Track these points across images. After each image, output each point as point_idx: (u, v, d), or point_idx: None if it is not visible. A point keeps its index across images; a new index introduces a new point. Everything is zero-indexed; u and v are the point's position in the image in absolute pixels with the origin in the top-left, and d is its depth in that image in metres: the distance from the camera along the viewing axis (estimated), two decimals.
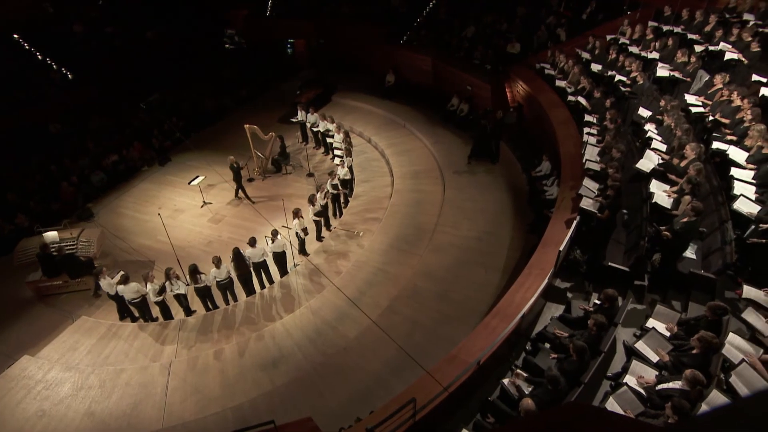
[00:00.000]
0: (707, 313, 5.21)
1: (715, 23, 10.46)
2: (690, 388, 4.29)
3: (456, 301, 8.17)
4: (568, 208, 7.45)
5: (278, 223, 11.23)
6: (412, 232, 10.24)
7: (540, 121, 11.43)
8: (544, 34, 14.37)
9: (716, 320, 5.12)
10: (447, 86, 15.06)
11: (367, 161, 13.67)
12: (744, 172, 6.99)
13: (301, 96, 16.69)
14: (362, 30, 17.75)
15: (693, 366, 4.57)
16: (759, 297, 5.44)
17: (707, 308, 5.22)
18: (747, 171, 7.01)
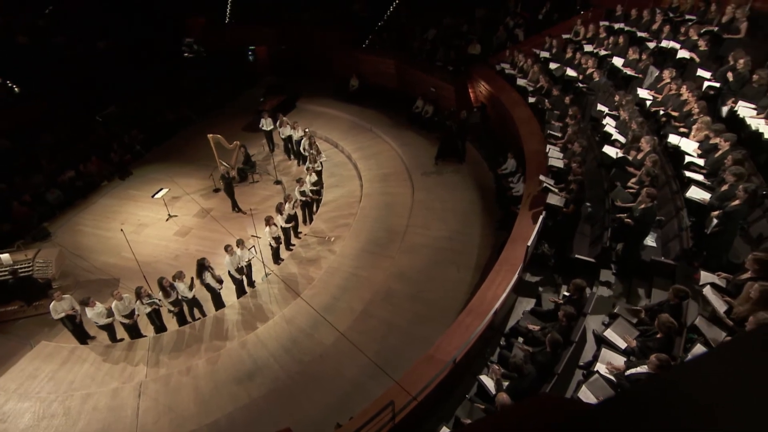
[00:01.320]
0: (671, 297, 5.44)
1: (661, 22, 10.97)
2: (657, 371, 4.47)
3: (430, 301, 8.23)
4: (535, 204, 7.63)
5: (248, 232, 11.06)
6: (384, 235, 10.25)
7: (503, 119, 11.68)
8: (503, 34, 14.72)
9: (678, 303, 5.35)
10: (411, 88, 15.20)
11: (335, 166, 13.61)
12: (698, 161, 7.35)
13: (264, 103, 16.48)
14: (324, 35, 17.72)
15: (658, 350, 4.75)
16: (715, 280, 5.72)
17: (671, 291, 5.45)
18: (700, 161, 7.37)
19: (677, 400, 0.56)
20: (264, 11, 19.40)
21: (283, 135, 13.97)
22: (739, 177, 6.10)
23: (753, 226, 6.61)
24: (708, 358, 0.62)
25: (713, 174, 6.93)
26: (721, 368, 0.58)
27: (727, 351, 0.65)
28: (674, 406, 0.55)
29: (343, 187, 12.63)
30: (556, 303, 5.99)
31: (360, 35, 17.56)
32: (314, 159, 12.13)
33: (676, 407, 0.55)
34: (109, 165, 15.00)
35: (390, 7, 18.22)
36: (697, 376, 0.59)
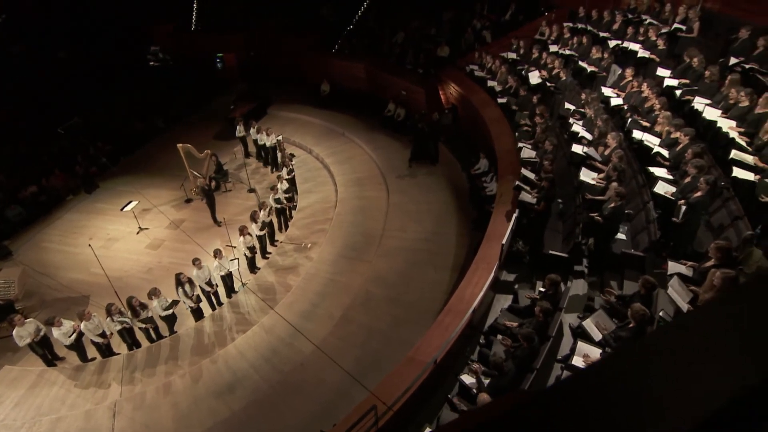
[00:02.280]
0: (640, 288, 5.61)
1: (621, 22, 11.36)
2: None
3: (409, 303, 8.26)
4: (508, 203, 7.77)
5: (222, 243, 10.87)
6: (360, 239, 10.24)
7: (474, 120, 11.85)
8: (471, 36, 14.96)
9: (647, 294, 5.53)
10: (382, 92, 15.26)
11: (309, 172, 13.54)
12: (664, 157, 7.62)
13: (235, 111, 16.27)
14: (293, 41, 17.63)
15: (631, 339, 4.89)
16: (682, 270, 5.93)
17: (639, 283, 5.62)
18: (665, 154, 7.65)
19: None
20: (231, 18, 19.19)
21: (260, 142, 13.82)
22: (700, 169, 6.35)
23: (714, 216, 6.89)
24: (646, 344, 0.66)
25: (675, 167, 7.20)
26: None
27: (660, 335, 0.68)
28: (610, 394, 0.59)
29: (317, 193, 12.56)
30: (533, 299, 6.10)
31: (329, 40, 17.56)
32: (286, 165, 12.04)
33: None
34: (74, 178, 14.50)
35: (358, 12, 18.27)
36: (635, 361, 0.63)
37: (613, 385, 0.60)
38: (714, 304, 0.70)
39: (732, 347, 0.61)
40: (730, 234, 6.26)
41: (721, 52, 9.10)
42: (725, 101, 7.57)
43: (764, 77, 7.80)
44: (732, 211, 6.51)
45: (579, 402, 0.59)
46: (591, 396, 0.59)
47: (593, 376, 0.64)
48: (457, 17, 16.08)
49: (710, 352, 0.61)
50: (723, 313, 0.67)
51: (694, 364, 0.59)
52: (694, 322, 0.69)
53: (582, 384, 0.63)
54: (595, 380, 0.62)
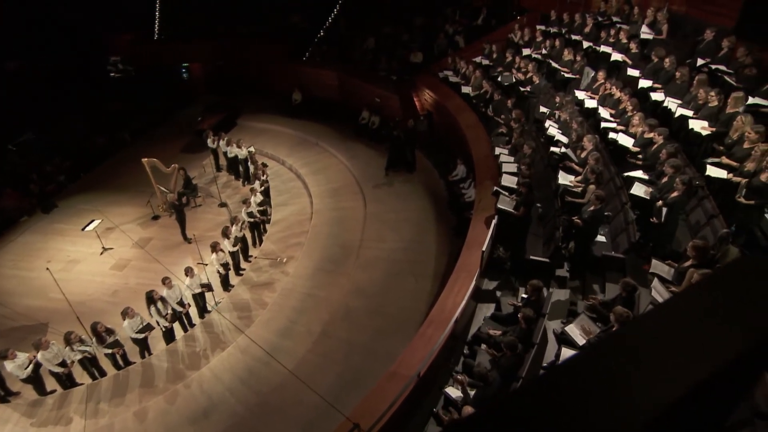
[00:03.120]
0: (621, 291, 5.73)
1: (592, 25, 11.73)
2: None
3: (391, 315, 8.25)
4: (487, 209, 7.86)
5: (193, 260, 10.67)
6: (338, 251, 10.21)
7: (450, 126, 12.00)
8: (444, 41, 15.20)
9: (629, 296, 5.65)
10: (356, 100, 15.32)
11: (283, 184, 13.47)
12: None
13: (203, 122, 16.07)
14: (262, 49, 17.57)
15: None
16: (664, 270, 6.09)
17: (621, 285, 5.74)
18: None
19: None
20: (196, 26, 18.98)
21: (230, 154, 13.67)
22: (676, 169, 6.57)
23: (690, 215, 7.12)
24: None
25: (652, 167, 7.43)
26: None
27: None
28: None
29: (292, 205, 12.49)
30: (515, 306, 6.17)
31: (300, 47, 17.57)
32: (258, 178, 11.93)
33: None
34: (29, 198, 14.01)
35: (328, 18, 18.37)
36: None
37: (586, 379, 0.67)
38: (674, 301, 0.81)
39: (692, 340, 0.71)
40: (706, 233, 6.47)
41: (688, 54, 9.48)
42: (695, 101, 7.87)
43: (730, 78, 8.15)
44: (708, 209, 6.74)
45: (556, 395, 0.65)
46: (567, 389, 0.66)
47: (565, 373, 0.70)
48: (429, 23, 16.34)
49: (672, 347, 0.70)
50: (685, 306, 0.78)
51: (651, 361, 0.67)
52: (657, 318, 0.79)
53: (557, 379, 0.70)
54: (569, 376, 0.69)
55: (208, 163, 14.22)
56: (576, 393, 0.64)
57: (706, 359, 0.66)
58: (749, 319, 0.72)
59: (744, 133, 6.61)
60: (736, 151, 6.72)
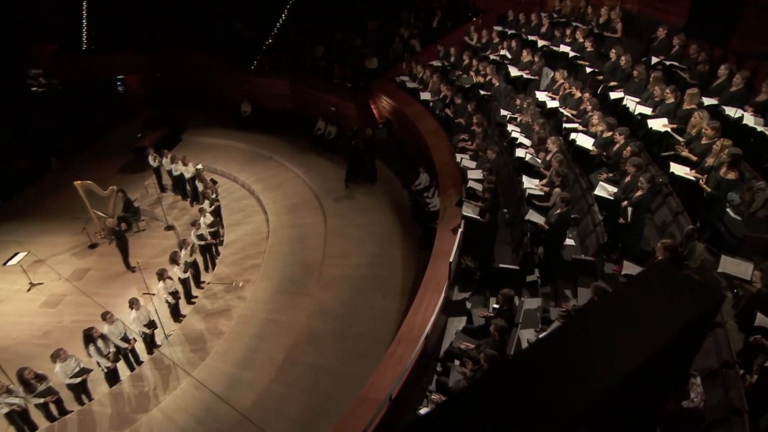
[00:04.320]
0: (593, 296, 5.91)
1: (548, 25, 12.24)
2: None
3: (359, 336, 8.22)
4: (452, 217, 7.98)
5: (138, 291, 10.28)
6: (299, 270, 10.14)
7: (410, 133, 12.17)
8: (399, 46, 15.45)
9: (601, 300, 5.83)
10: (310, 110, 15.33)
11: (236, 202, 13.28)
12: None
13: (143, 139, 15.63)
14: (205, 59, 17.36)
15: None
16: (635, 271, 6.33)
17: (592, 290, 5.92)
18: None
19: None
20: (130, 35, 18.52)
21: (175, 172, 13.34)
22: (638, 168, 6.88)
23: (656, 214, 7.47)
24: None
25: (615, 167, 7.76)
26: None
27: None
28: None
29: (246, 224, 12.32)
30: (487, 317, 6.25)
31: (246, 56, 17.45)
32: (208, 197, 11.69)
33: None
34: None
35: (276, 25, 18.37)
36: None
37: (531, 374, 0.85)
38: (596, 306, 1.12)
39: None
40: (673, 230, 6.79)
41: (644, 52, 10.03)
42: (652, 99, 8.31)
43: (684, 74, 8.67)
44: (673, 207, 7.09)
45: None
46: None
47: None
48: (383, 27, 16.59)
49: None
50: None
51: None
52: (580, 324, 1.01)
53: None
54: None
55: (151, 183, 13.80)
56: (522, 383, 0.81)
57: (628, 358, 0.83)
58: (663, 321, 0.91)
59: (701, 129, 7.02)
60: (695, 146, 7.12)
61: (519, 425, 0.75)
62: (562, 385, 0.79)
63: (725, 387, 4.52)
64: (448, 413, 0.78)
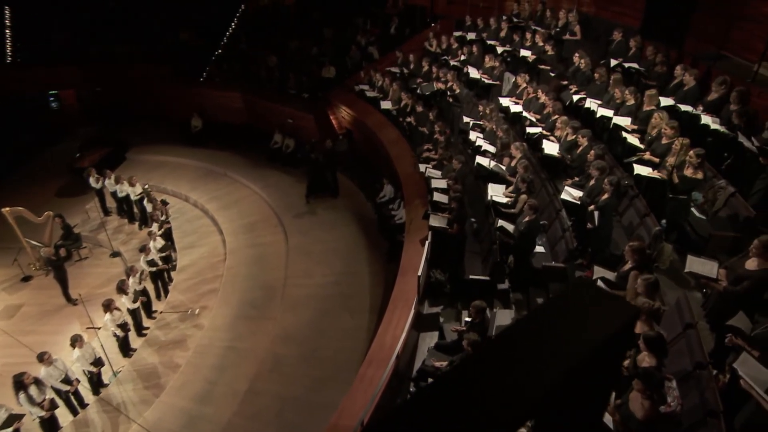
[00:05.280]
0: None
1: (507, 29, 12.64)
2: None
3: (326, 359, 8.18)
4: (419, 229, 8.06)
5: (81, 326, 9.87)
6: (260, 293, 10.06)
7: (372, 144, 12.26)
8: (357, 54, 15.62)
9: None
10: (265, 123, 15.28)
11: (189, 223, 13.08)
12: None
13: (82, 159, 15.17)
14: (149, 71, 17.06)
15: None
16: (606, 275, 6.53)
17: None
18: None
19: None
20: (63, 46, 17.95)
21: (120, 194, 12.99)
22: (602, 171, 7.14)
23: (623, 216, 7.76)
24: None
25: (580, 171, 8.03)
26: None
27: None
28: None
29: (201, 247, 12.14)
30: (459, 332, 6.30)
31: (195, 67, 17.25)
32: (157, 219, 11.42)
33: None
34: None
35: (226, 34, 18.26)
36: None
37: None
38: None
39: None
40: (641, 232, 7.07)
41: (602, 54, 10.49)
42: (612, 101, 8.69)
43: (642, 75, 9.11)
44: (639, 209, 7.38)
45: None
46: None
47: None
48: (339, 34, 16.74)
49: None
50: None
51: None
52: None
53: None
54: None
55: (93, 206, 13.43)
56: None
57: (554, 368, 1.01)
58: (584, 335, 1.10)
59: (661, 129, 7.37)
60: (656, 147, 7.46)
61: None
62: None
63: (700, 388, 4.69)
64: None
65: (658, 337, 4.57)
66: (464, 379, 0.99)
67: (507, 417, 0.90)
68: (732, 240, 6.57)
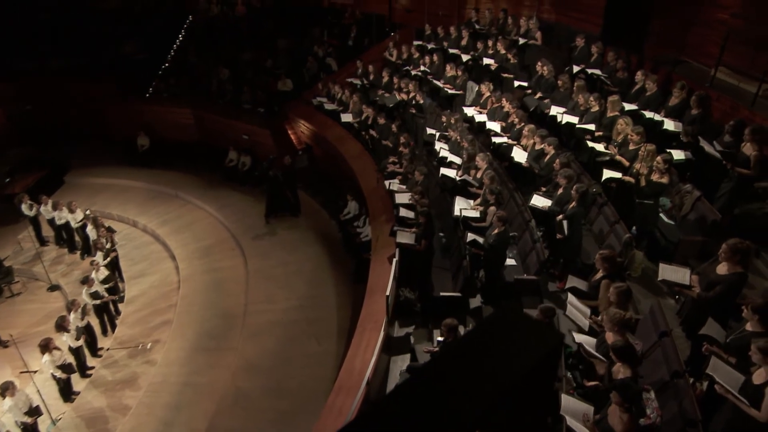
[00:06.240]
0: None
1: (468, 37, 12.97)
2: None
3: (293, 390, 8.14)
4: (386, 247, 8.10)
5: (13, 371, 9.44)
6: (219, 322, 9.98)
7: (333, 159, 12.31)
8: (314, 65, 15.71)
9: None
10: (219, 139, 15.18)
11: (137, 249, 12.87)
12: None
13: (13, 185, 14.69)
14: (90, 87, 16.67)
15: None
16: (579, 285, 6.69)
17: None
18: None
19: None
20: None
21: (59, 221, 12.59)
22: (569, 179, 7.37)
23: (594, 225, 8.00)
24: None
25: (548, 180, 8.25)
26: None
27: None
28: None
29: (152, 275, 11.96)
30: (431, 352, 6.32)
31: (140, 82, 16.97)
32: (101, 247, 11.10)
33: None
34: None
35: (173, 46, 18.07)
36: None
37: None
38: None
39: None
40: (611, 240, 7.30)
41: (565, 61, 10.88)
42: (577, 108, 9.00)
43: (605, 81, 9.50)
44: (609, 216, 7.63)
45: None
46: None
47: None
48: (295, 45, 16.82)
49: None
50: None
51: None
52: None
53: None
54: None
55: (27, 236, 12.99)
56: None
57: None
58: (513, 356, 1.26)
59: (627, 135, 7.67)
60: (623, 152, 7.75)
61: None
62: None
63: (678, 398, 4.84)
64: None
65: (626, 346, 4.70)
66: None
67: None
68: (701, 244, 6.87)
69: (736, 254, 5.14)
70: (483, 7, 13.49)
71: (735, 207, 6.99)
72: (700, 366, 5.14)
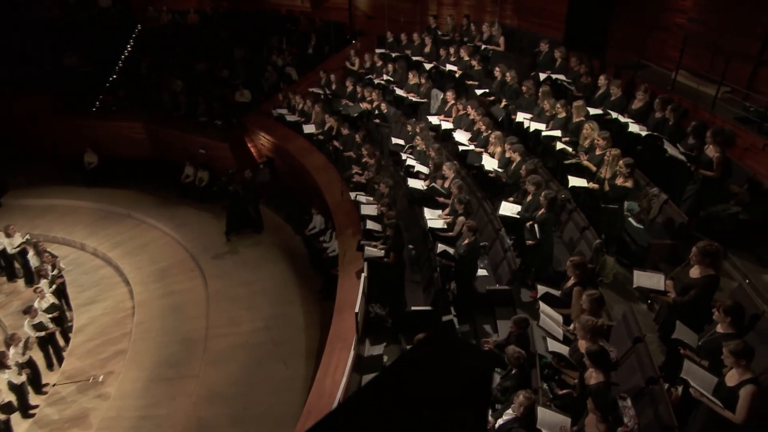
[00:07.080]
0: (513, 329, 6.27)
1: (431, 44, 13.21)
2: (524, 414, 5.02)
3: (260, 417, 8.07)
4: (354, 261, 8.12)
5: None
6: (178, 349, 9.84)
7: (296, 172, 12.32)
8: (273, 75, 15.72)
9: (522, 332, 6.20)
10: (174, 154, 15.03)
11: (86, 274, 12.54)
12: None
13: None
14: (27, 101, 16.23)
15: (518, 387, 5.39)
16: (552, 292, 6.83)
17: (512, 323, 6.29)
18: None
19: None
20: None
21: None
22: (538, 185, 7.56)
23: (564, 231, 8.20)
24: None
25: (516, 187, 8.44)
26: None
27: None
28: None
29: (103, 301, 11.68)
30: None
31: (86, 96, 16.63)
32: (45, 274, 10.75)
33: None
34: None
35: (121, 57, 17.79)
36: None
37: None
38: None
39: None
40: (581, 246, 7.50)
41: (530, 67, 11.19)
42: (543, 114, 9.27)
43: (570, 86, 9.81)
44: (578, 222, 7.84)
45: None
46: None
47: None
48: (252, 54, 16.78)
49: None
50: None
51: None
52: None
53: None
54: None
55: None
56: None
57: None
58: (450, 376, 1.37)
59: (594, 140, 7.93)
60: (591, 158, 8.01)
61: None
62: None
63: (654, 405, 4.99)
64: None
65: (600, 351, 4.83)
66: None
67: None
68: (669, 247, 7.13)
69: (706, 257, 5.36)
70: (444, 14, 13.77)
71: (701, 209, 7.30)
72: (675, 371, 5.32)
